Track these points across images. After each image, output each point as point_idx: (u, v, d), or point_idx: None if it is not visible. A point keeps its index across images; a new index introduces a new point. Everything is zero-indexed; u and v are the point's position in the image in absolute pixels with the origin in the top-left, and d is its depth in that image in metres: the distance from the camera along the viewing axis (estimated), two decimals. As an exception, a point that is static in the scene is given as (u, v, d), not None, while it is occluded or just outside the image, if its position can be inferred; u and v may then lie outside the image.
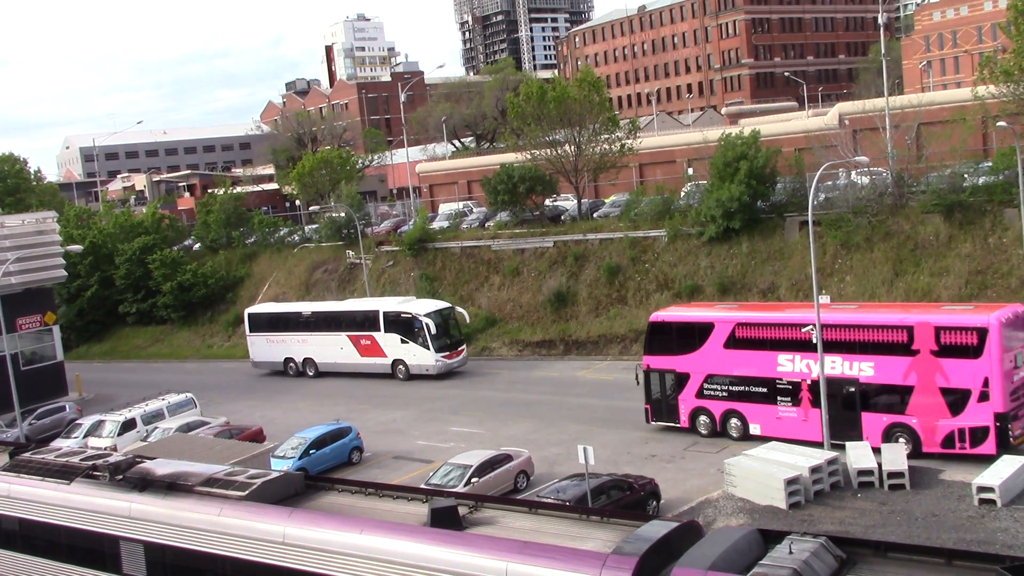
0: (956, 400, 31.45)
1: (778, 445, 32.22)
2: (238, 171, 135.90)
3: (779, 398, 35.32)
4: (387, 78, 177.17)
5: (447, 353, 52.58)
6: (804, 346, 33.72)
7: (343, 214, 66.77)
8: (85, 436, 43.18)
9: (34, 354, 57.53)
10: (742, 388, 36.29)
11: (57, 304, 65.23)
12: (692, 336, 37.66)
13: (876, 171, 50.58)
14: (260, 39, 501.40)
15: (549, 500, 25.76)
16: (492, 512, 20.37)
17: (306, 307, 59.83)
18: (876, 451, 31.09)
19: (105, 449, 38.40)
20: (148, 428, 42.58)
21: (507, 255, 62.26)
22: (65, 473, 25.52)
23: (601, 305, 56.40)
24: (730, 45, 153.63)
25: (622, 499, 28.73)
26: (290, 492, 22.75)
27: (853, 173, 51.27)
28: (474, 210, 72.67)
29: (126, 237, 79.00)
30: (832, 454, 30.96)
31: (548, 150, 63.34)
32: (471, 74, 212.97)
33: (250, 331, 60.39)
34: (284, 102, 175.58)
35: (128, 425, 43.08)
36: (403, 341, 52.92)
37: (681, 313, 39.71)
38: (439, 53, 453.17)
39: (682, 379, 37.78)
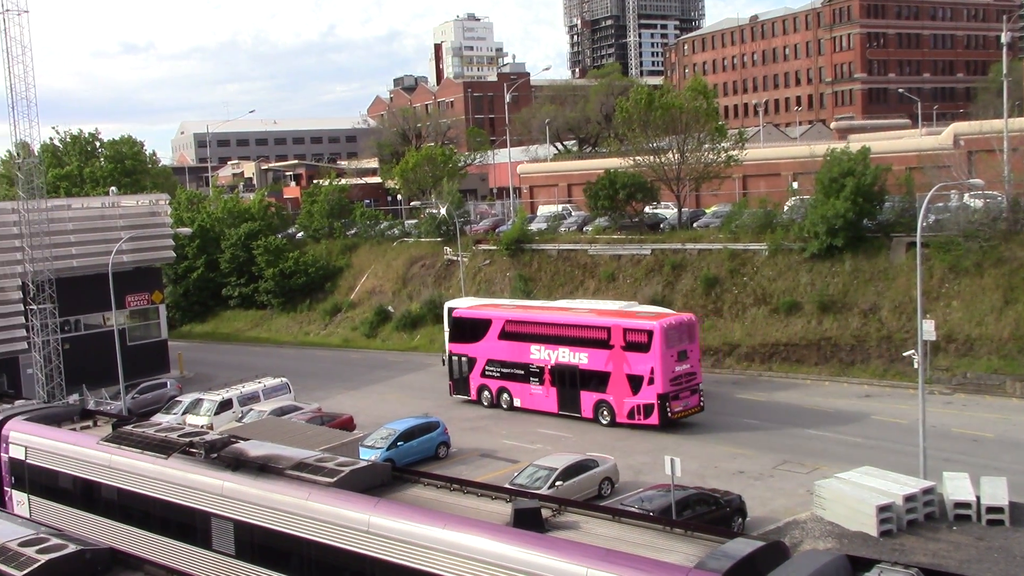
0: (635, 383, 41.10)
1: (872, 470, 31.38)
2: (343, 163, 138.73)
3: (531, 379, 45.11)
4: (493, 78, 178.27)
5: None
6: (548, 339, 44.39)
7: (443, 211, 67.50)
8: (183, 413, 44.57)
9: (140, 331, 59.54)
10: (509, 371, 46.01)
11: (164, 284, 67.41)
12: (478, 328, 47.42)
13: (991, 195, 48.91)
14: (375, 34, 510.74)
15: (633, 509, 25.57)
16: (575, 517, 20.34)
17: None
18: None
19: (202, 427, 39.59)
20: (243, 409, 43.71)
21: (604, 260, 62.04)
22: (163, 448, 26.36)
23: (695, 316, 55.58)
24: (843, 59, 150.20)
25: (707, 514, 28.34)
26: (377, 482, 23.08)
27: (966, 196, 49.65)
28: (573, 213, 72.61)
29: (233, 222, 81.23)
30: (928, 484, 30.03)
31: (651, 157, 62.95)
32: (577, 76, 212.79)
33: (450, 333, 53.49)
34: (391, 97, 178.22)
35: (225, 405, 44.31)
36: None
37: (473, 310, 49.65)
38: (546, 55, 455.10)
39: (472, 362, 47.69)
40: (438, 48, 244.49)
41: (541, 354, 44.60)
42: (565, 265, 63.71)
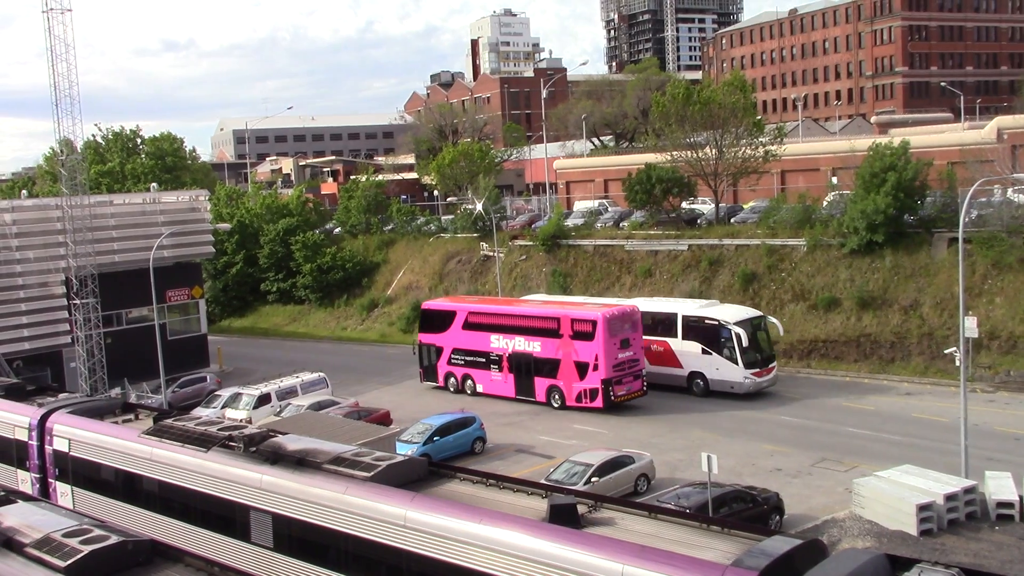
0: (582, 369, 44.46)
1: (912, 468, 31.04)
2: (380, 159, 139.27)
3: (491, 366, 48.48)
4: (530, 73, 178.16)
5: (757, 370, 45.43)
6: (506, 329, 47.73)
7: (479, 206, 67.83)
8: (223, 407, 44.99)
9: (180, 325, 60.20)
10: (472, 358, 49.41)
11: (204, 279, 68.07)
12: (444, 320, 51.10)
13: (1035, 189, 48.13)
14: (412, 30, 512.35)
15: (669, 506, 25.50)
16: (611, 513, 20.31)
17: (587, 302, 50.69)
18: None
19: (240, 421, 39.94)
20: (281, 404, 44.05)
21: (640, 256, 61.83)
22: (203, 441, 26.63)
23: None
24: (884, 52, 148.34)
25: (744, 511, 28.21)
26: (413, 477, 23.17)
27: (1010, 190, 48.88)
28: (609, 209, 72.43)
29: (271, 218, 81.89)
30: (970, 483, 29.64)
31: (688, 152, 62.61)
32: (614, 71, 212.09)
33: None
34: (428, 94, 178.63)
35: (263, 399, 44.68)
36: (705, 352, 45.92)
37: (439, 303, 54.07)
38: (583, 50, 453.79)
39: (439, 351, 51.26)
40: (475, 44, 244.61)
41: (500, 343, 48.06)
42: (602, 260, 63.57)
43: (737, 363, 45.06)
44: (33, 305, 52.15)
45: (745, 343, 44.80)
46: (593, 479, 31.38)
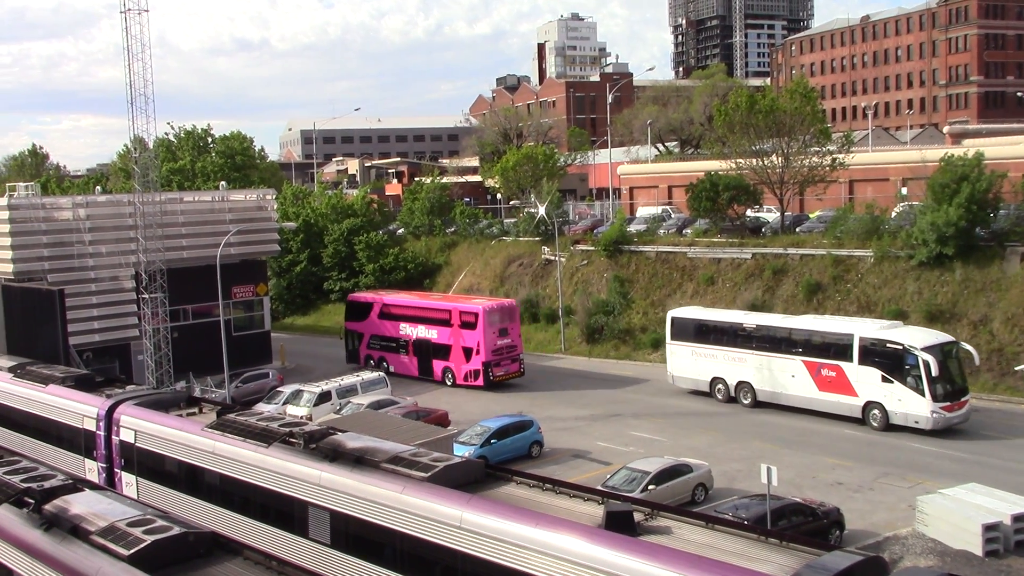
0: (468, 353, 52.37)
1: (978, 487, 30.32)
2: (445, 161, 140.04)
3: (401, 350, 56.52)
4: (596, 78, 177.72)
5: (947, 404, 39.83)
6: (411, 319, 55.93)
7: (542, 210, 67.73)
8: (284, 403, 45.60)
9: (244, 322, 61.13)
10: (386, 343, 57.51)
11: (269, 277, 68.99)
12: (364, 310, 59.55)
13: (1115, 204, 46.74)
14: (481, 34, 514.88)
15: (727, 516, 25.23)
16: (667, 522, 20.19)
17: (749, 318, 47.96)
18: None
19: (301, 418, 40.42)
20: (341, 402, 44.50)
21: (703, 263, 61.29)
22: (265, 437, 27.04)
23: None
24: (959, 60, 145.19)
25: (803, 525, 27.81)
26: (470, 479, 23.28)
27: (1088, 204, 47.53)
28: (672, 215, 71.94)
29: (336, 218, 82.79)
30: (1039, 504, 28.87)
31: (754, 160, 61.93)
32: (681, 77, 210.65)
33: (671, 338, 49.90)
34: (494, 96, 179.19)
35: (324, 397, 45.19)
36: (885, 379, 40.74)
37: (361, 296, 62.82)
38: (651, 55, 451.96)
39: (361, 336, 59.39)
40: (541, 48, 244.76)
41: (407, 330, 56.07)
42: (663, 267, 63.14)
43: (924, 395, 39.55)
44: (104, 298, 53.43)
45: (934, 372, 39.21)
46: (650, 487, 31.19)
